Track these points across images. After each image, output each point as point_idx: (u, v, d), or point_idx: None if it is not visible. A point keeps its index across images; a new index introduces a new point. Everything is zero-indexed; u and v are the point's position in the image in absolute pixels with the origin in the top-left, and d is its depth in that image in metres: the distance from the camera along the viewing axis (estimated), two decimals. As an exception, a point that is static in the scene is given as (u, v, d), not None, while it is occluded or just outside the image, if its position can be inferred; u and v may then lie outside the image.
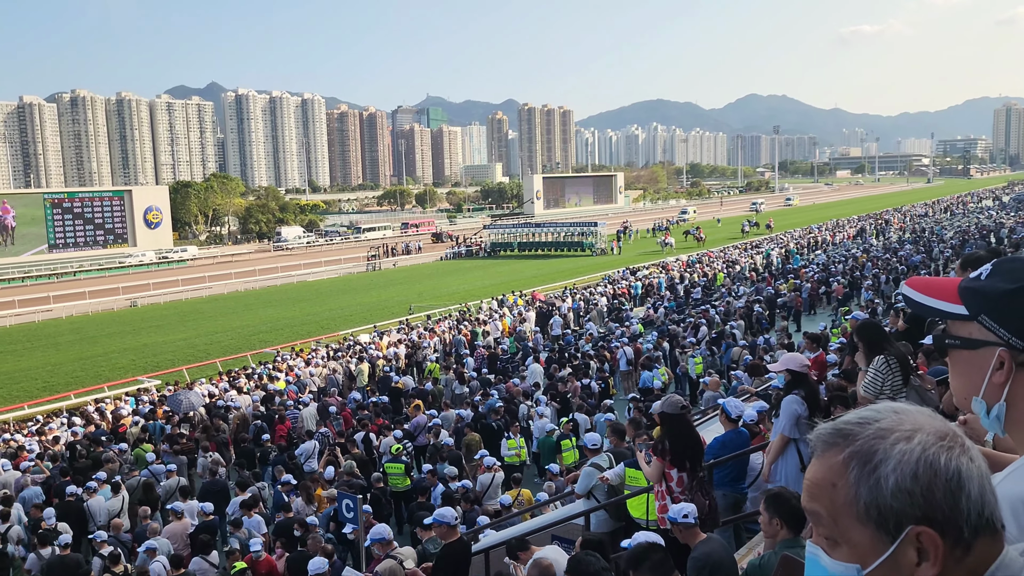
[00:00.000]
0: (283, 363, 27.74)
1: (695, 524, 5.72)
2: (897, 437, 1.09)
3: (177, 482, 14.13)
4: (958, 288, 1.48)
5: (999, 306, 1.41)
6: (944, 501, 1.05)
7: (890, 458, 1.08)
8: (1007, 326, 1.40)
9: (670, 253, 58.56)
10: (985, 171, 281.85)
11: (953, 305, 1.47)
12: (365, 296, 50.95)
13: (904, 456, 1.07)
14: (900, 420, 1.12)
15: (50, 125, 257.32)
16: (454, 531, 7.66)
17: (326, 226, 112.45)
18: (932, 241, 41.38)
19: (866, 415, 1.15)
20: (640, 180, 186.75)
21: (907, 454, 1.07)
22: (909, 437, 1.09)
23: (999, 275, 1.44)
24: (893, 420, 1.12)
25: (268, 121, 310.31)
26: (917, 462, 1.06)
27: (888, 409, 1.15)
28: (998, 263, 1.48)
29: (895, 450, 1.08)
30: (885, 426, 1.11)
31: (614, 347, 22.47)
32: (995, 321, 1.41)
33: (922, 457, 1.07)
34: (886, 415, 1.13)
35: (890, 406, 1.16)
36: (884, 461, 1.08)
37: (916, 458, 1.07)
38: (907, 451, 1.07)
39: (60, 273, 67.80)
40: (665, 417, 7.08)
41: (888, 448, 1.09)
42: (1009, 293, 1.40)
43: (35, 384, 31.31)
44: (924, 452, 1.07)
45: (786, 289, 29.97)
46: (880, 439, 1.10)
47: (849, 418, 1.16)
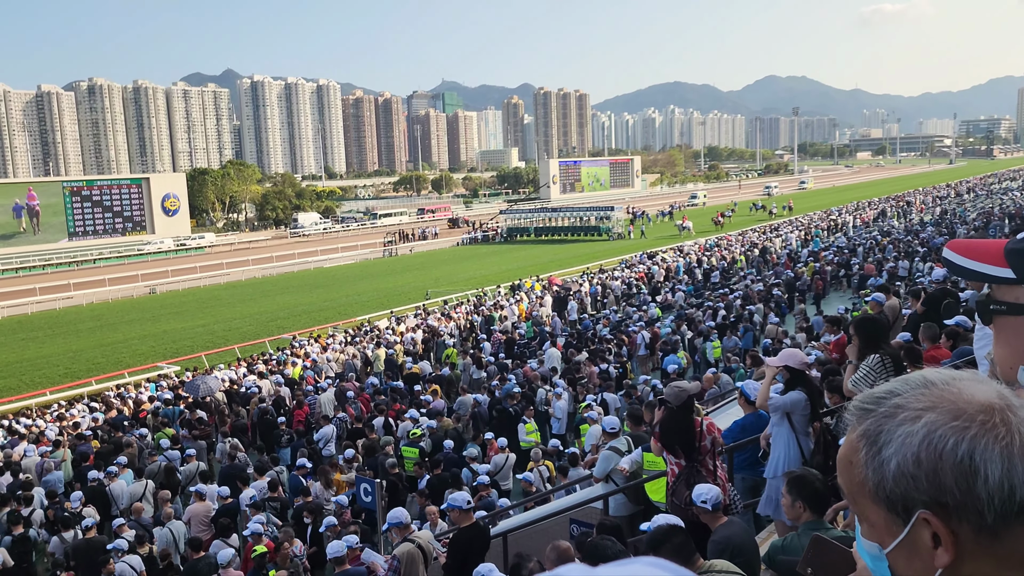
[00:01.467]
0: (300, 349, 27.86)
1: (711, 510, 5.64)
2: (904, 417, 1.03)
3: (197, 467, 14.23)
4: (1004, 250, 1.39)
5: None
6: (956, 486, 0.97)
7: (892, 441, 1.02)
8: None
9: (688, 237, 58.22)
10: (1009, 151, 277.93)
11: (999, 268, 1.38)
12: (382, 282, 51.05)
13: (907, 439, 1.01)
14: (919, 396, 1.04)
15: (68, 114, 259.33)
16: (468, 515, 7.62)
17: (342, 212, 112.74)
18: (955, 223, 40.85)
19: (892, 387, 1.08)
20: (657, 164, 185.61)
21: (910, 436, 1.01)
22: (916, 418, 1.02)
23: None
24: (912, 396, 1.04)
25: (284, 107, 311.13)
26: (919, 445, 1.00)
27: (918, 381, 1.06)
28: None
29: (898, 432, 1.02)
30: (900, 403, 1.04)
31: (632, 331, 22.36)
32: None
33: (925, 440, 0.99)
34: (910, 389, 1.06)
35: (923, 377, 1.07)
36: (887, 444, 1.03)
37: (919, 441, 1.00)
38: (910, 433, 1.01)
39: (80, 261, 68.42)
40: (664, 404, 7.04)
41: (892, 429, 1.03)
42: None
43: (56, 371, 31.64)
44: (929, 435, 0.99)
45: (806, 272, 29.70)
46: (888, 418, 1.04)
47: (875, 391, 1.10)
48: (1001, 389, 1.04)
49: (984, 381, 1.05)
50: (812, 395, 6.85)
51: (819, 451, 6.80)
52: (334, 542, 8.67)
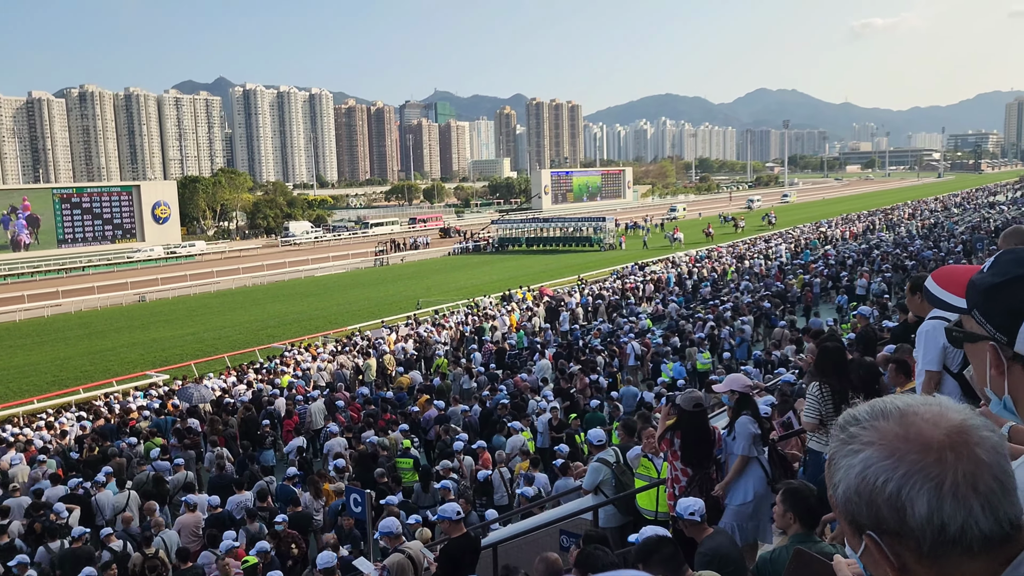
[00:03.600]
0: (291, 358, 27.80)
1: (700, 521, 5.68)
2: (850, 450, 1.12)
3: (185, 476, 14.16)
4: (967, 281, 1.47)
5: (987, 300, 1.39)
6: (890, 517, 1.07)
7: (839, 470, 1.12)
8: (991, 320, 1.38)
9: (679, 248, 58.42)
10: (996, 166, 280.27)
11: (959, 298, 1.47)
12: (373, 291, 51.00)
13: (848, 471, 1.11)
14: (869, 429, 1.12)
15: (59, 120, 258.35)
16: (458, 526, 7.62)
17: (334, 221, 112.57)
18: (942, 236, 41.13)
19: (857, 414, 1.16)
20: (649, 175, 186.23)
21: (849, 469, 1.10)
22: (858, 452, 1.11)
23: (993, 268, 1.42)
24: (865, 427, 1.12)
25: (276, 116, 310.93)
26: (856, 479, 1.09)
27: (879, 411, 1.14)
28: (1000, 255, 1.45)
29: (842, 463, 1.12)
30: (853, 433, 1.13)
31: (623, 342, 22.40)
32: (983, 315, 1.40)
33: (861, 474, 1.09)
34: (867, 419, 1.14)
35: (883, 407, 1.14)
36: (836, 471, 1.13)
37: (855, 474, 1.09)
38: (850, 466, 1.10)
39: (69, 268, 68.05)
40: (678, 411, 7.06)
41: (839, 459, 1.13)
42: (994, 287, 1.38)
43: (44, 378, 31.45)
44: (863, 471, 1.09)
45: (796, 285, 29.83)
46: (842, 446, 1.13)
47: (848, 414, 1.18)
48: (963, 423, 1.09)
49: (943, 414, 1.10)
50: (757, 416, 7.04)
51: (775, 467, 6.93)
52: (323, 553, 8.66)
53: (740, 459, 6.81)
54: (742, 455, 6.81)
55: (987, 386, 1.44)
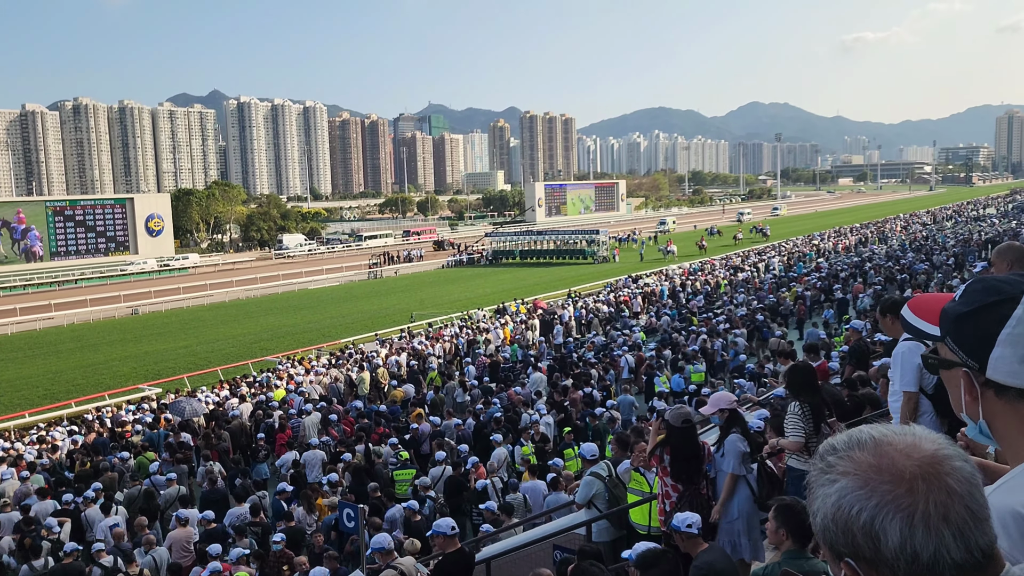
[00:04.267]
0: (284, 371, 27.73)
1: (696, 534, 5.70)
2: (827, 479, 1.14)
3: (177, 491, 14.09)
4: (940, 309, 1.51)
5: (956, 328, 1.43)
6: (865, 545, 1.09)
7: (816, 498, 1.15)
8: (963, 347, 1.42)
9: (672, 261, 58.56)
10: (987, 179, 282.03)
11: (934, 326, 1.51)
12: (366, 304, 50.94)
13: (824, 500, 1.13)
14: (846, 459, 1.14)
15: (52, 133, 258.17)
16: (453, 541, 7.61)
17: (328, 234, 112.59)
18: (934, 249, 41.31)
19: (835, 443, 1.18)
20: (642, 188, 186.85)
21: (826, 499, 1.13)
22: (834, 481, 1.13)
23: (963, 296, 1.46)
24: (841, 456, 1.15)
25: (270, 129, 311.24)
26: (831, 508, 1.12)
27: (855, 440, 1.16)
28: (970, 283, 1.49)
29: (819, 492, 1.14)
30: (832, 462, 1.15)
31: (616, 355, 22.41)
32: (955, 343, 1.44)
33: (836, 503, 1.11)
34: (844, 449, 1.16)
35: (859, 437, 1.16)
36: (814, 499, 1.15)
37: (831, 504, 1.12)
38: (826, 495, 1.13)
39: (62, 281, 67.85)
40: (668, 427, 7.07)
41: (816, 488, 1.15)
42: (963, 316, 1.43)
43: (36, 392, 31.29)
44: (839, 501, 1.11)
45: (788, 297, 29.91)
46: (820, 474, 1.16)
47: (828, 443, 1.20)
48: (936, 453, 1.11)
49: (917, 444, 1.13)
50: (746, 433, 7.08)
51: (764, 483, 6.97)
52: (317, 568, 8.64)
53: (730, 478, 6.84)
54: (731, 473, 6.84)
55: (963, 411, 1.47)
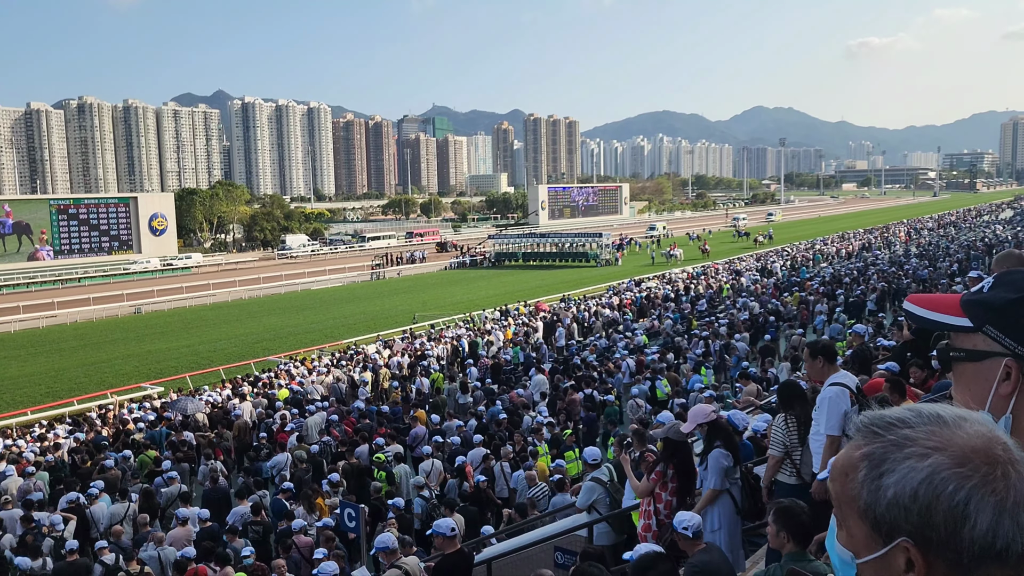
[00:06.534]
0: (283, 372, 27.76)
1: (692, 537, 5.71)
2: (912, 452, 1.07)
3: (178, 489, 14.10)
4: (960, 302, 1.51)
5: (1004, 316, 1.43)
6: (944, 525, 1.03)
7: (896, 471, 1.07)
8: (1012, 335, 1.41)
9: (675, 264, 58.55)
10: (991, 185, 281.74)
11: (957, 318, 1.49)
12: (369, 305, 50.96)
13: (909, 473, 1.06)
14: (931, 433, 1.08)
15: (57, 131, 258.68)
16: (452, 542, 7.60)
17: (331, 234, 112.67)
18: (938, 255, 41.28)
19: (905, 416, 1.13)
20: (646, 191, 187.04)
21: (913, 471, 1.05)
22: (925, 455, 1.06)
23: (1002, 286, 1.46)
24: (923, 431, 1.09)
25: (274, 129, 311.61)
26: (921, 483, 1.05)
27: (931, 416, 1.11)
28: (1000, 275, 1.50)
29: (904, 465, 1.07)
30: (911, 435, 1.09)
31: (617, 358, 22.40)
32: (1000, 331, 1.43)
33: (927, 479, 1.04)
34: (922, 423, 1.11)
35: (935, 413, 1.12)
36: (890, 472, 1.07)
37: (921, 479, 1.05)
38: (915, 468, 1.06)
39: (65, 279, 67.96)
40: (669, 443, 7.10)
41: (899, 460, 1.07)
42: (1014, 302, 1.42)
43: (39, 390, 31.32)
44: (932, 475, 1.05)
45: (792, 302, 29.88)
46: (896, 448, 1.08)
47: (887, 415, 1.15)
48: (1006, 441, 1.09)
49: (990, 428, 1.10)
50: (729, 443, 7.07)
51: (747, 496, 6.97)
52: (326, 563, 8.65)
53: (710, 492, 6.87)
54: (712, 488, 6.88)
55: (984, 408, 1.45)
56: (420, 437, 16.16)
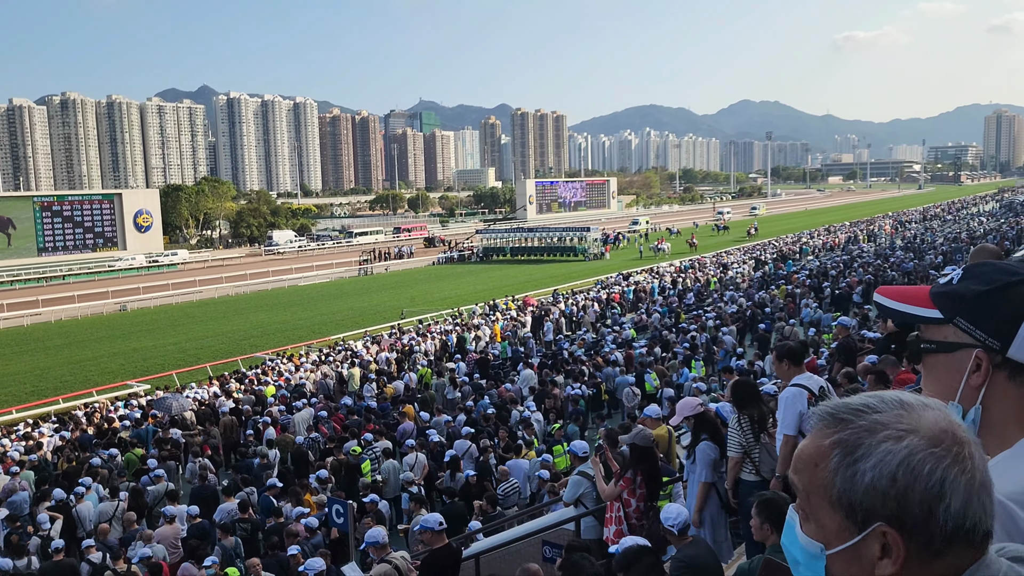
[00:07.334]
0: (271, 369, 27.66)
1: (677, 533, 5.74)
2: (887, 435, 1.07)
3: (165, 487, 14.04)
4: (930, 294, 1.52)
5: (974, 307, 1.44)
6: (919, 507, 1.04)
7: (871, 455, 1.06)
8: (982, 327, 1.43)
9: (663, 258, 58.69)
10: (976, 178, 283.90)
11: (926, 310, 1.50)
12: (357, 301, 50.83)
13: (886, 456, 1.06)
14: (899, 417, 1.09)
15: (40, 128, 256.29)
16: (440, 537, 7.61)
17: (318, 230, 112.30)
18: (923, 247, 41.56)
19: (870, 402, 1.12)
20: (633, 185, 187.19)
21: (890, 455, 1.06)
22: (899, 438, 1.07)
23: (972, 278, 1.47)
24: (892, 416, 1.09)
25: (260, 125, 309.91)
26: (899, 465, 1.05)
27: (894, 401, 1.12)
28: (969, 268, 1.51)
29: (880, 448, 1.06)
30: (881, 420, 1.09)
31: (606, 352, 22.45)
32: (970, 322, 1.44)
33: (905, 461, 1.05)
34: (889, 408, 1.11)
35: (898, 398, 1.13)
36: (865, 457, 1.07)
37: (899, 461, 1.05)
38: (891, 451, 1.06)
39: (49, 277, 67.45)
40: (636, 450, 7.16)
41: (874, 445, 1.07)
42: (983, 294, 1.43)
43: (23, 388, 31.09)
44: (909, 456, 1.05)
45: (779, 295, 30.01)
46: (870, 433, 1.08)
47: (851, 402, 1.14)
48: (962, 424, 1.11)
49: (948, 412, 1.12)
50: (716, 435, 7.12)
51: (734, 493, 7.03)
52: (312, 559, 8.65)
53: (702, 486, 6.91)
54: (703, 482, 6.91)
55: (955, 399, 1.46)
56: (407, 433, 16.16)
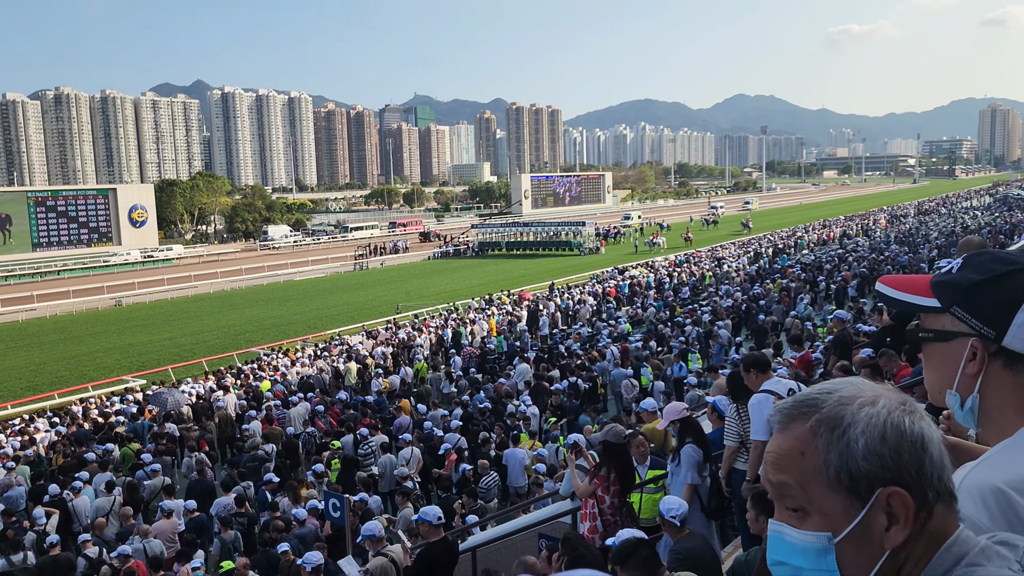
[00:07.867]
0: (267, 364, 27.65)
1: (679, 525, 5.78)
2: (862, 402, 1.12)
3: (162, 482, 14.04)
4: (930, 283, 1.53)
5: (970, 297, 1.45)
6: (911, 463, 1.09)
7: (858, 422, 1.11)
8: (978, 316, 1.44)
9: (658, 253, 58.73)
10: (970, 172, 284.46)
11: (925, 299, 1.52)
12: (352, 296, 50.81)
13: (872, 419, 1.10)
14: (860, 389, 1.15)
15: (34, 123, 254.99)
16: (437, 530, 7.62)
17: (313, 225, 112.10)
18: (918, 241, 41.66)
19: (825, 387, 1.17)
20: (628, 180, 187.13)
21: (874, 417, 1.10)
22: (873, 402, 1.12)
23: (969, 268, 1.48)
24: (853, 390, 1.15)
25: (255, 119, 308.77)
26: (884, 424, 1.10)
27: (844, 382, 1.18)
28: (968, 257, 1.52)
29: (862, 413, 1.11)
30: (847, 394, 1.14)
31: (601, 346, 22.48)
32: (967, 312, 1.45)
33: (888, 420, 1.10)
34: (844, 386, 1.16)
35: (846, 379, 1.19)
36: (852, 425, 1.11)
37: (883, 420, 1.10)
38: (874, 414, 1.11)
39: (44, 272, 67.25)
40: (608, 447, 7.22)
41: (855, 412, 1.12)
42: (979, 284, 1.45)
43: (19, 384, 31.04)
44: (890, 415, 1.11)
45: (773, 289, 30.05)
46: (845, 405, 1.13)
47: (810, 391, 1.18)
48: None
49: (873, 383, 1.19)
50: (700, 440, 7.29)
51: (714, 495, 7.11)
52: (310, 553, 8.66)
53: (687, 488, 7.01)
54: (688, 484, 7.02)
55: (952, 388, 1.48)
56: (404, 427, 16.17)
